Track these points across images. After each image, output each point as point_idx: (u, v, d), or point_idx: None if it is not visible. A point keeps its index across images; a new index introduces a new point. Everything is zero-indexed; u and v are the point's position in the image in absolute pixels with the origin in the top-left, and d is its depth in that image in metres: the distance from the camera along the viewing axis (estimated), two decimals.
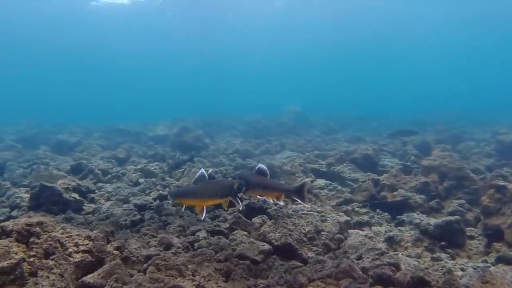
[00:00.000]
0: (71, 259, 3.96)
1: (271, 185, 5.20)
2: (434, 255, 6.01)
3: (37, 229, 4.00)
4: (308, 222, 6.14)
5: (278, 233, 5.57)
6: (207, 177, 4.76)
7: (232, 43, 58.37)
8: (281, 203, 5.17)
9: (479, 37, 52.93)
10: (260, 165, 5.28)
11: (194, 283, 3.86)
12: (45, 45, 52.78)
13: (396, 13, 44.44)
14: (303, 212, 6.98)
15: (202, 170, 4.73)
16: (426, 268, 5.23)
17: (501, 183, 6.75)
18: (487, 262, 5.62)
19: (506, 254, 5.60)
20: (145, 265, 4.51)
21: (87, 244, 4.18)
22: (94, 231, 4.61)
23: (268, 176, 5.14)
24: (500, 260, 5.53)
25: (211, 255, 4.74)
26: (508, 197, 6.45)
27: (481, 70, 74.65)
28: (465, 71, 76.97)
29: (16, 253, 3.56)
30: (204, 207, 4.59)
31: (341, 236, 6.28)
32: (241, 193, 4.72)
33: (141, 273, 4.31)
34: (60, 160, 13.98)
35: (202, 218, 4.62)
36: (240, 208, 4.95)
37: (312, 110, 30.82)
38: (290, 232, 5.63)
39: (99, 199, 8.64)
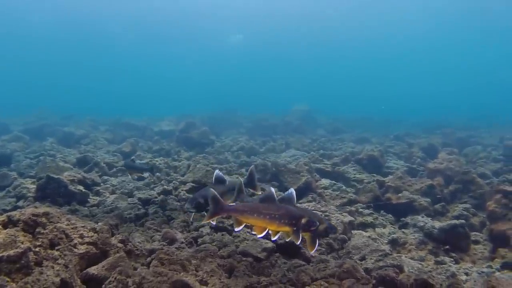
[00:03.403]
0: (76, 250, 3.98)
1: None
2: (438, 259, 5.98)
3: (43, 219, 4.03)
4: None
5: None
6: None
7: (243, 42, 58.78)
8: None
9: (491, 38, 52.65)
10: (217, 171, 5.08)
11: (197, 278, 3.87)
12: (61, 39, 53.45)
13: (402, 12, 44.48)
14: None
15: (272, 189, 4.23)
16: (430, 271, 5.22)
17: (508, 188, 6.70)
18: (492, 268, 5.58)
19: None
20: (148, 259, 4.53)
21: (92, 236, 4.21)
22: (99, 224, 4.65)
23: (227, 182, 4.97)
24: (506, 266, 5.49)
25: (214, 251, 4.75)
26: None
27: (490, 71, 73.97)
28: (474, 72, 76.39)
29: (22, 243, 3.59)
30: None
31: (345, 236, 6.26)
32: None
33: (145, 267, 4.33)
34: (67, 152, 14.06)
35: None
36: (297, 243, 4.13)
37: (319, 110, 30.68)
38: None
39: (104, 192, 8.68)
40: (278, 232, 3.94)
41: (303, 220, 3.94)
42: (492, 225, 6.58)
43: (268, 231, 3.96)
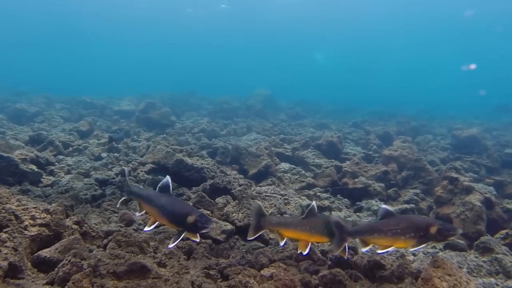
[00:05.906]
0: (26, 232, 3.83)
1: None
2: None
3: None
4: (272, 204, 6.25)
5: (241, 213, 5.63)
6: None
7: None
8: None
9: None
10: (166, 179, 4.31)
11: (155, 260, 3.85)
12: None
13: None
14: (267, 194, 7.08)
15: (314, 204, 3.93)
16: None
17: (454, 175, 7.13)
18: (436, 248, 5.97)
19: (453, 242, 5.97)
20: (105, 241, 4.44)
21: (44, 218, 4.05)
22: (52, 205, 4.48)
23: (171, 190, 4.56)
24: (448, 246, 5.90)
25: (173, 233, 4.73)
26: (459, 189, 6.84)
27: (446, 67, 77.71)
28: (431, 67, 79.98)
29: None
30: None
31: None
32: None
33: (101, 249, 4.25)
34: (18, 129, 13.28)
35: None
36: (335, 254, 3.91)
37: (281, 95, 30.87)
38: None
39: (59, 172, 8.33)
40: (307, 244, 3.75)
41: (432, 230, 3.34)
42: (438, 209, 7.01)
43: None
